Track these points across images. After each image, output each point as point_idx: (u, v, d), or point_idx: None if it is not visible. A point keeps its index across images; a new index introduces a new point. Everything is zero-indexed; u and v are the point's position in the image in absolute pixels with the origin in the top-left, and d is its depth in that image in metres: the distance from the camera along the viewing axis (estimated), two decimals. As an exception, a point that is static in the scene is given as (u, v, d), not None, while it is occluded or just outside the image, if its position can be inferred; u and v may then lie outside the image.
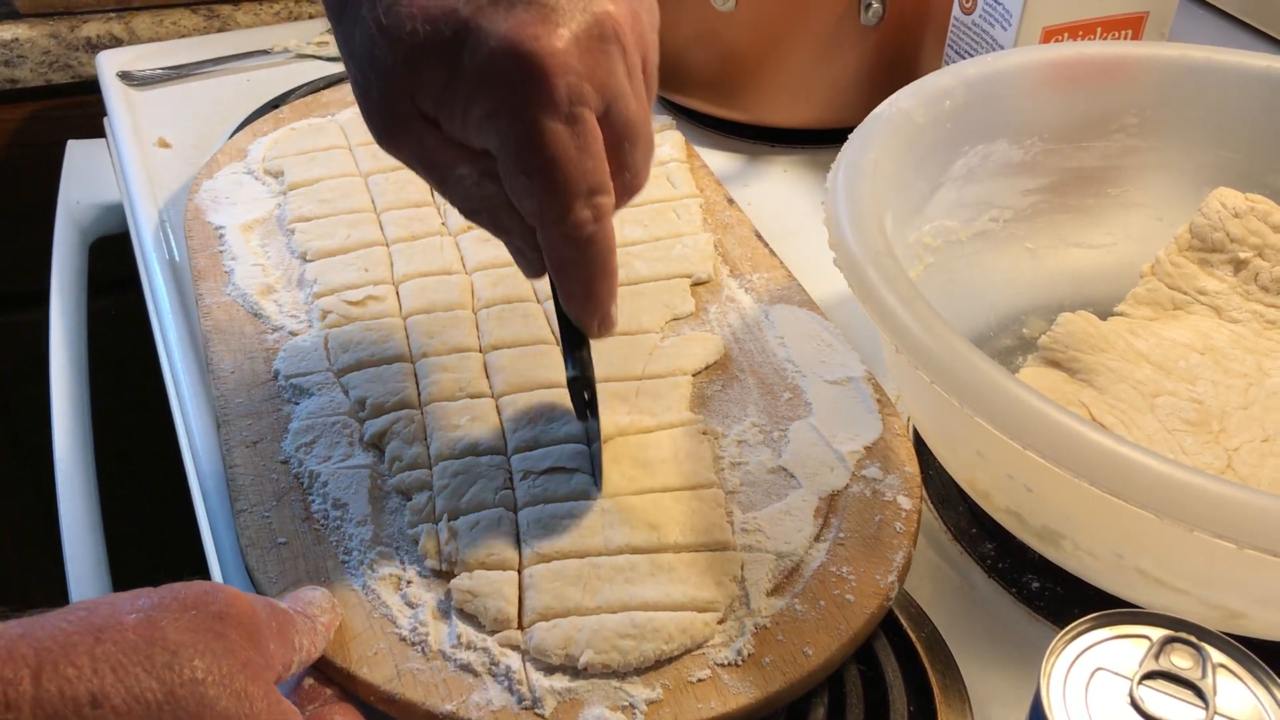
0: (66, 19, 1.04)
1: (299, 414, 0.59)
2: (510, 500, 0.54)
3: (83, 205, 0.95)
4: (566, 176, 0.43)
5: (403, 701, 0.46)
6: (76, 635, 0.36)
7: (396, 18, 0.43)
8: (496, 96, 0.42)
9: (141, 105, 0.92)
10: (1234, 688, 0.38)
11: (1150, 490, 0.42)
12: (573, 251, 0.45)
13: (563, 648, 0.47)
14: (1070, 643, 0.40)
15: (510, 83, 0.42)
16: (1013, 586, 0.56)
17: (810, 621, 0.49)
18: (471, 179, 0.46)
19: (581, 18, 0.43)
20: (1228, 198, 0.67)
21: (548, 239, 0.45)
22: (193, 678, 0.37)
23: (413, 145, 0.46)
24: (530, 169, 0.43)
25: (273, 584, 0.51)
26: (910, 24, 0.83)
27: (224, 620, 0.39)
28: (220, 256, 0.70)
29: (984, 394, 0.46)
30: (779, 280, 0.69)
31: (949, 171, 0.66)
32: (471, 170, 0.46)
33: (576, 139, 0.43)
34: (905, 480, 0.56)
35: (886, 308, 0.50)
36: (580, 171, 0.43)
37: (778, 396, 0.61)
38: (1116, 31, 0.77)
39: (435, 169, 0.46)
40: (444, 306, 0.65)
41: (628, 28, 0.44)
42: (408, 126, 0.45)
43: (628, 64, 0.44)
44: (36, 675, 0.35)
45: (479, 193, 0.46)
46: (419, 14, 0.42)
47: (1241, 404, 0.60)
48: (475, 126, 0.44)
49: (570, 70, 0.42)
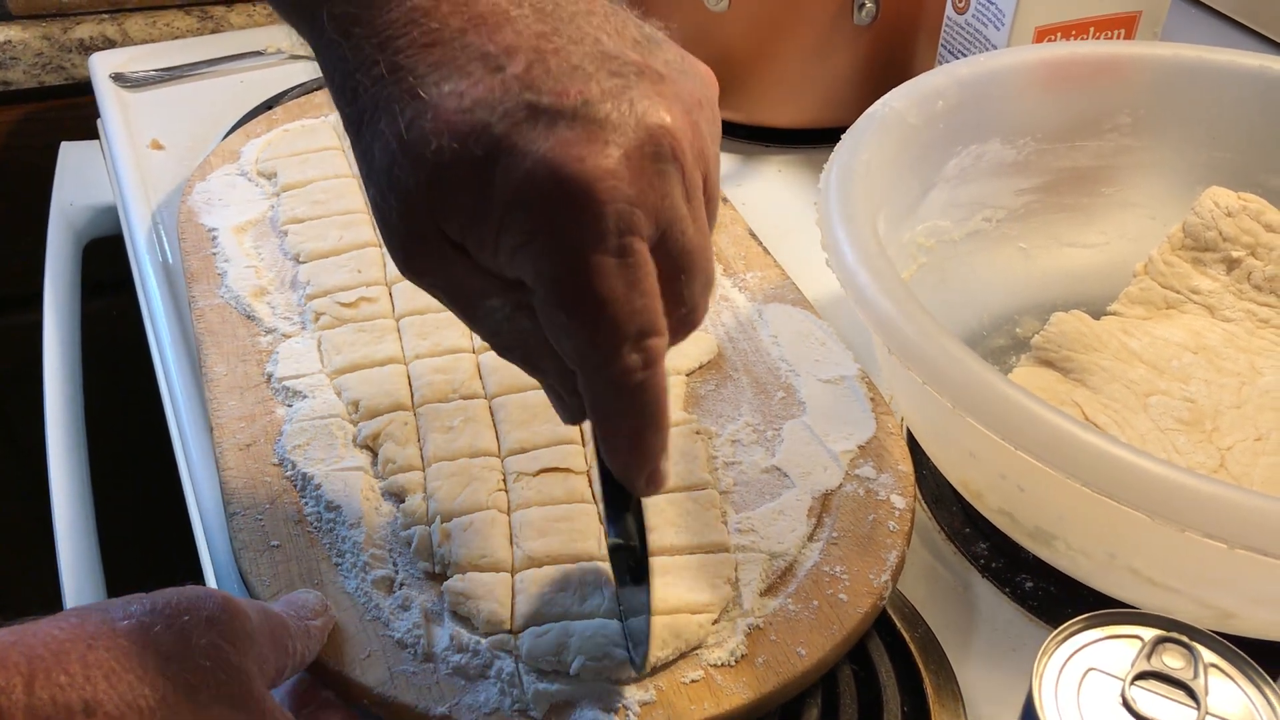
0: (59, 21, 1.04)
1: (292, 416, 0.59)
2: (503, 502, 0.54)
3: (76, 207, 0.95)
4: (613, 317, 0.38)
5: (396, 704, 0.46)
6: (69, 642, 0.36)
7: (420, 133, 0.37)
8: (533, 224, 0.37)
9: (134, 107, 0.92)
10: (1226, 688, 0.38)
11: (1142, 491, 0.42)
12: (618, 401, 0.40)
13: (555, 654, 0.47)
14: (1063, 643, 0.40)
15: (549, 209, 0.37)
16: (1006, 586, 0.56)
17: (804, 621, 0.49)
18: (503, 313, 0.41)
19: (634, 134, 0.37)
20: (1220, 197, 0.67)
21: (590, 385, 0.40)
22: (186, 684, 0.37)
23: (438, 274, 0.41)
24: (571, 307, 0.38)
25: (266, 586, 0.50)
26: (903, 24, 0.83)
27: (217, 626, 0.39)
28: (213, 259, 0.70)
29: (976, 395, 0.46)
30: (773, 279, 0.69)
31: (942, 171, 0.66)
32: (504, 303, 0.41)
33: (626, 274, 0.38)
34: (899, 479, 0.56)
35: (879, 309, 0.50)
36: (629, 311, 0.38)
37: (771, 396, 0.61)
38: (1109, 31, 0.77)
39: (463, 300, 0.42)
40: (437, 308, 0.65)
41: (686, 143, 0.39)
42: (431, 253, 0.40)
43: (686, 185, 0.39)
44: (29, 683, 0.34)
45: (511, 328, 0.41)
46: (445, 130, 0.37)
47: (1234, 403, 0.60)
48: (508, 256, 0.39)
49: (620, 195, 0.37)
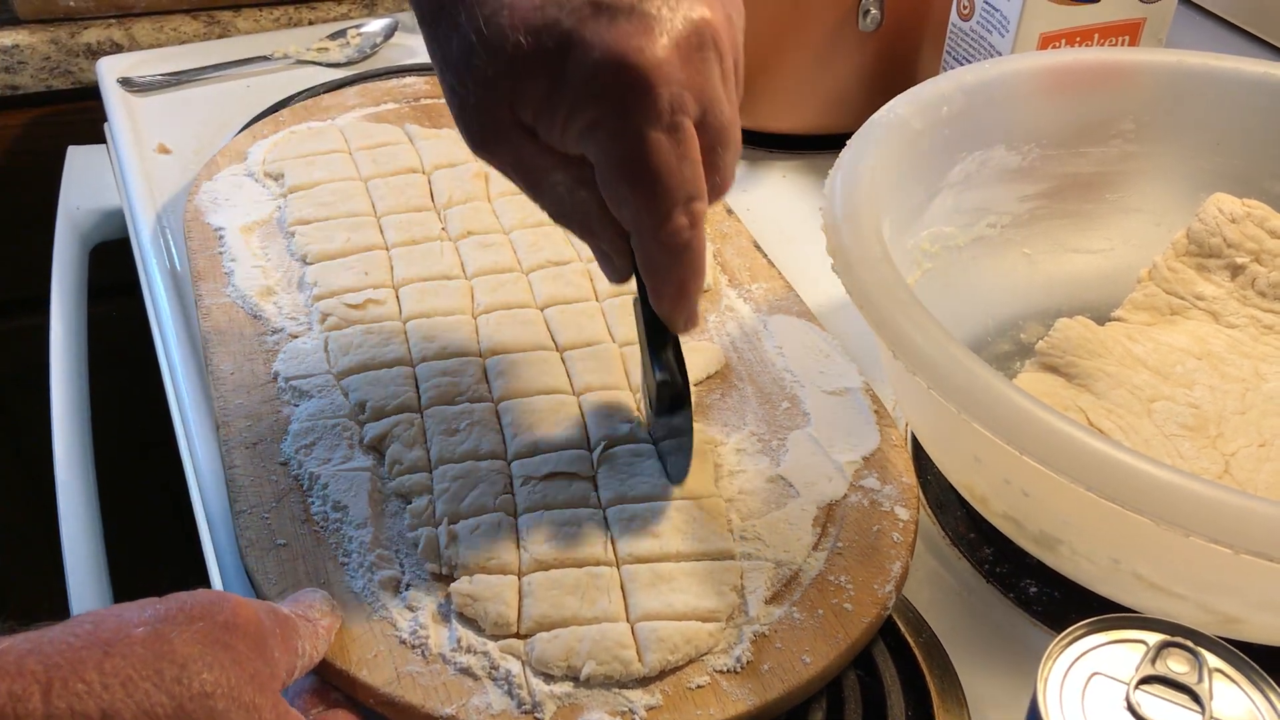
0: (67, 25, 1.04)
1: (299, 416, 0.59)
2: (510, 505, 0.54)
3: (83, 211, 0.95)
4: (667, 186, 0.44)
5: (402, 704, 0.46)
6: (85, 650, 0.36)
7: (498, 28, 0.43)
8: (600, 107, 0.43)
9: (141, 111, 0.92)
10: (1230, 693, 0.38)
11: (1147, 495, 0.42)
12: (668, 256, 0.46)
13: (564, 659, 0.47)
14: (1067, 648, 0.40)
15: (615, 94, 0.42)
16: (1010, 591, 0.56)
17: (809, 629, 0.50)
18: (565, 185, 0.46)
19: (682, 25, 0.43)
20: (1225, 203, 0.67)
21: (644, 245, 0.46)
22: (201, 691, 0.37)
23: (509, 153, 0.46)
24: (633, 179, 0.44)
25: (272, 585, 0.51)
26: (908, 30, 0.83)
27: (230, 631, 0.39)
28: (220, 258, 0.70)
29: (981, 399, 0.46)
30: (777, 290, 0.69)
31: (947, 177, 0.66)
32: (565, 177, 0.46)
33: (677, 148, 0.43)
34: (903, 491, 0.56)
35: (884, 313, 0.50)
36: (680, 180, 0.44)
37: (776, 406, 0.61)
38: (1114, 37, 0.77)
39: (530, 175, 0.47)
40: (444, 311, 0.65)
41: (724, 33, 0.44)
42: (505, 135, 0.45)
43: (723, 69, 0.45)
44: (46, 691, 0.34)
45: (572, 199, 0.47)
46: (521, 25, 0.42)
47: (1239, 409, 0.60)
48: (575, 136, 0.44)
49: (673, 80, 0.42)
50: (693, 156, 0.44)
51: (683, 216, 0.44)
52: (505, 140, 0.46)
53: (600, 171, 0.44)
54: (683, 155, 0.43)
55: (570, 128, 0.44)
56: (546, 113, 0.44)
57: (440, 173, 0.77)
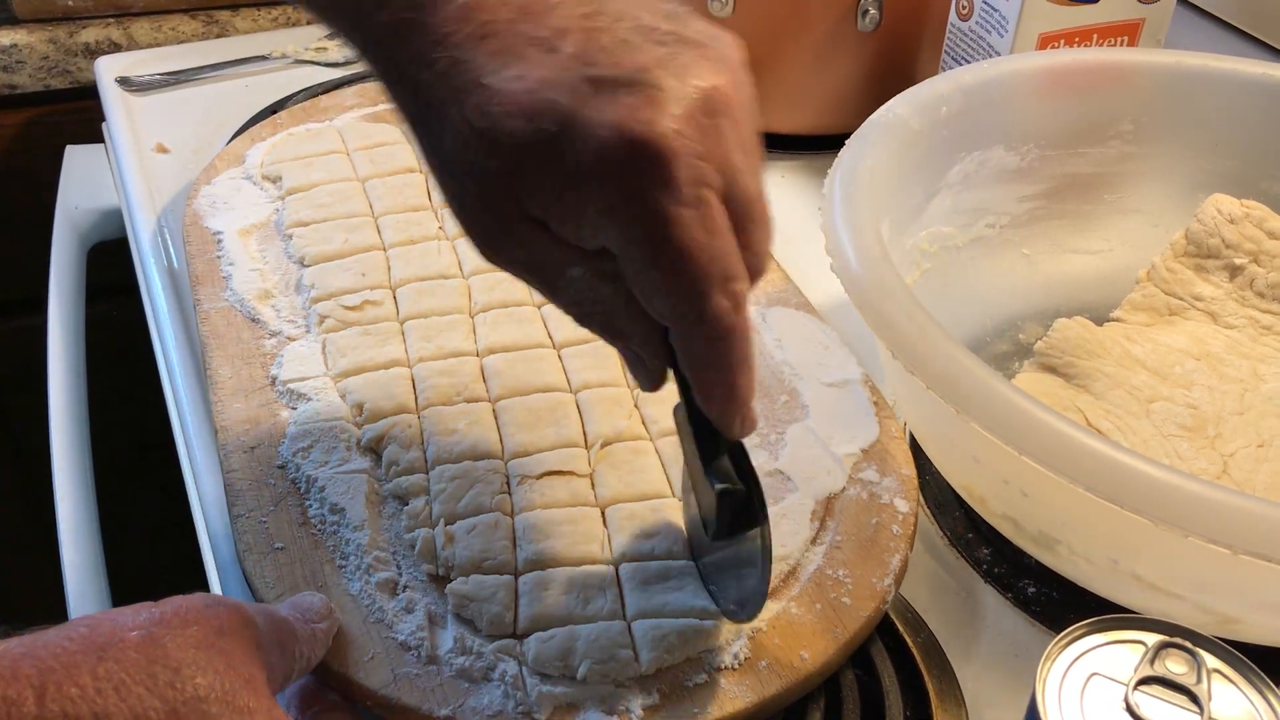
0: (65, 24, 1.04)
1: (296, 419, 0.59)
2: (507, 504, 0.54)
3: (81, 211, 0.95)
4: (700, 264, 0.39)
5: (399, 706, 0.46)
6: (79, 654, 0.36)
7: (492, 119, 0.39)
8: (613, 189, 0.39)
9: (140, 111, 0.92)
10: (1229, 693, 0.38)
11: (1146, 496, 0.42)
12: (713, 348, 0.41)
13: (561, 659, 0.47)
14: (1066, 648, 0.40)
15: (628, 173, 0.39)
16: (1009, 592, 0.56)
17: (807, 625, 0.49)
18: (584, 281, 0.43)
19: (690, 95, 0.40)
20: (1223, 204, 0.67)
21: (685, 338, 0.42)
22: (195, 695, 0.37)
23: (519, 250, 0.43)
24: (661, 262, 0.40)
25: (270, 588, 0.51)
26: (907, 30, 0.83)
27: (226, 635, 0.39)
28: (218, 262, 0.70)
29: (980, 400, 0.46)
30: (776, 283, 0.69)
31: (945, 178, 0.66)
32: (584, 272, 0.42)
33: (705, 223, 0.39)
34: (902, 483, 0.56)
35: (883, 314, 0.50)
36: (711, 256, 0.40)
37: (775, 399, 0.61)
38: (1112, 38, 0.77)
39: (544, 273, 0.43)
40: (441, 311, 0.65)
41: (735, 99, 0.41)
42: (512, 231, 0.42)
43: (741, 139, 0.41)
44: (40, 695, 0.34)
45: (593, 295, 0.43)
46: (516, 111, 0.39)
47: (1237, 409, 0.60)
48: (591, 224, 0.40)
49: (689, 151, 0.39)
50: (723, 231, 0.40)
51: (723, 299, 0.40)
52: (513, 236, 0.42)
53: (624, 261, 0.40)
54: (712, 230, 0.40)
55: (585, 216, 0.40)
56: (557, 203, 0.40)
57: (438, 173, 0.76)
